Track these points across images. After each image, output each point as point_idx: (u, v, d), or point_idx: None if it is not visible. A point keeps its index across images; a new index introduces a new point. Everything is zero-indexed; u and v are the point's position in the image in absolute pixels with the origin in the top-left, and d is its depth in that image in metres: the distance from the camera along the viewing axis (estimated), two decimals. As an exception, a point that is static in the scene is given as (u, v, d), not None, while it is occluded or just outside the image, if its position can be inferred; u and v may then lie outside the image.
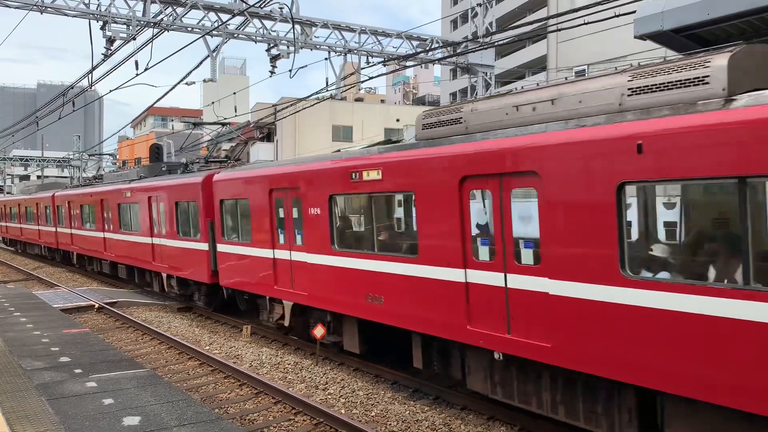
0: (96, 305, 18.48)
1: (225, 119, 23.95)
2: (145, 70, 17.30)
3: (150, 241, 19.03)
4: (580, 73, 22.26)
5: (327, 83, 20.49)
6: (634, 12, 10.17)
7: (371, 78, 19.36)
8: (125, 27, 18.78)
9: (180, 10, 19.41)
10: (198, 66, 18.91)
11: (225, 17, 19.81)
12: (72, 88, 21.19)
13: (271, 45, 20.95)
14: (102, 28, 18.60)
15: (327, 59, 22.13)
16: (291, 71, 20.50)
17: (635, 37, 9.89)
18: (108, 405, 7.84)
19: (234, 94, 25.26)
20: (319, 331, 11.65)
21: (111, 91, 23.48)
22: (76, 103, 21.71)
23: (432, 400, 9.83)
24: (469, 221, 8.33)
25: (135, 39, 18.51)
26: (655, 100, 6.42)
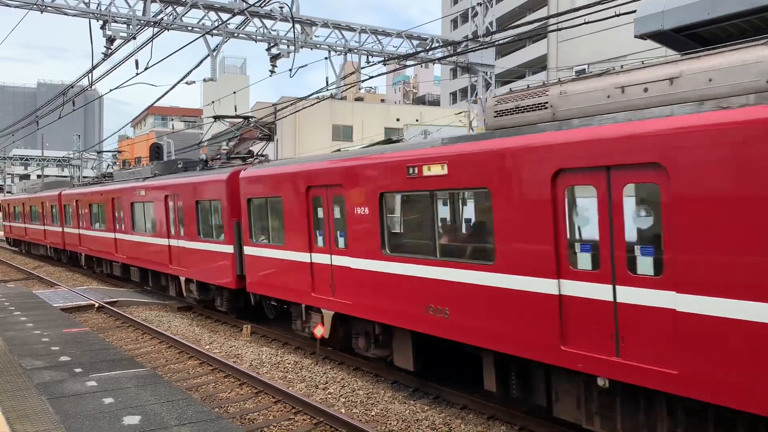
0: (96, 304, 18.48)
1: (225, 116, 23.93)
2: (145, 69, 17.31)
3: (166, 243, 17.95)
4: (580, 73, 22.24)
5: (327, 83, 20.49)
6: (634, 11, 10.17)
7: (371, 77, 19.43)
8: (125, 26, 18.80)
9: (180, 9, 19.41)
10: (198, 65, 18.92)
11: (225, 16, 19.82)
12: (72, 87, 21.21)
13: (272, 44, 20.97)
14: (102, 27, 18.61)
15: (327, 58, 22.15)
16: (291, 70, 20.52)
17: (635, 37, 9.89)
18: (108, 404, 7.84)
19: (234, 93, 25.26)
20: (320, 331, 11.63)
21: (111, 91, 23.48)
22: (76, 103, 21.73)
23: (432, 399, 9.83)
24: (564, 223, 7.14)
25: (135, 38, 18.52)
26: None
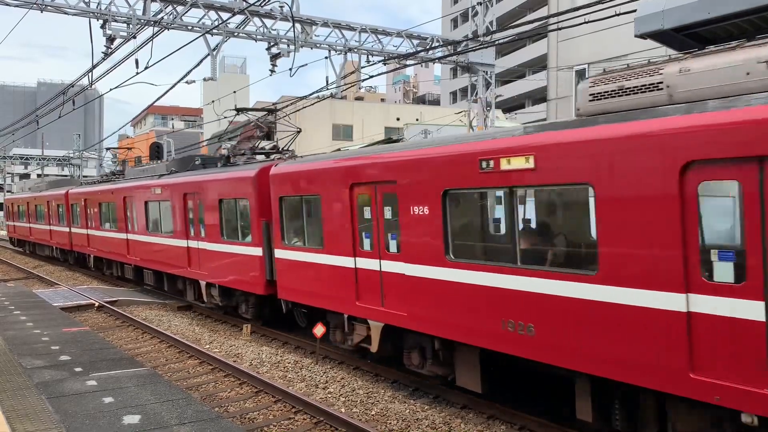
0: (96, 304, 18.48)
1: (225, 116, 23.93)
2: (146, 68, 17.32)
3: (185, 244, 16.84)
4: (580, 72, 22.25)
5: (327, 82, 20.52)
6: (634, 11, 10.17)
7: (371, 77, 19.41)
8: (125, 25, 18.78)
9: (180, 8, 19.40)
10: (198, 64, 18.94)
11: (225, 16, 19.81)
12: (72, 86, 21.23)
13: (272, 44, 20.96)
14: (102, 26, 18.60)
15: (327, 58, 22.15)
16: (291, 70, 20.52)
17: (635, 36, 9.89)
18: (108, 403, 7.84)
19: (234, 92, 25.30)
20: (320, 330, 11.63)
21: (111, 90, 23.56)
22: (76, 102, 21.74)
23: (432, 398, 9.83)
24: (696, 225, 5.98)
25: (135, 37, 18.52)
26: None
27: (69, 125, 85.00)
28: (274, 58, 21.06)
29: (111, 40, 18.59)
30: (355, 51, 22.62)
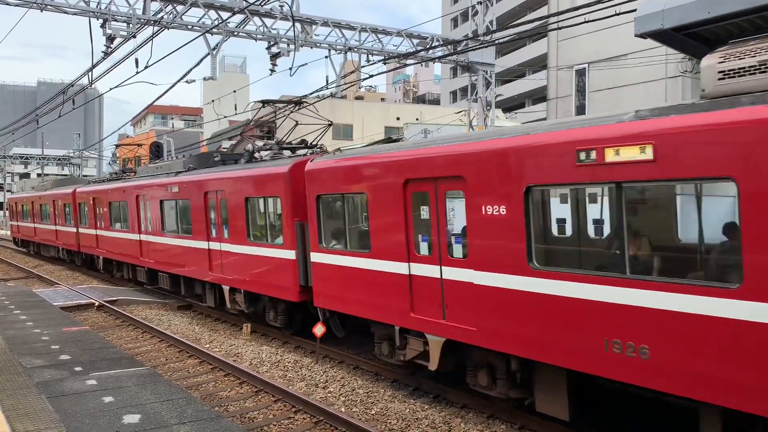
0: (96, 303, 18.48)
1: (225, 117, 23.96)
2: (146, 68, 17.32)
3: (206, 246, 15.72)
4: (580, 72, 22.26)
5: (327, 81, 20.52)
6: (634, 10, 10.17)
7: (371, 76, 19.40)
8: (125, 25, 18.81)
9: (180, 7, 19.42)
10: (198, 64, 18.96)
11: (225, 15, 19.83)
12: (72, 86, 21.24)
13: (272, 43, 20.98)
14: (102, 26, 18.63)
15: (327, 57, 22.17)
16: (291, 69, 20.52)
17: (636, 36, 9.90)
18: (108, 403, 7.85)
19: (234, 92, 25.29)
20: (320, 330, 11.62)
21: (111, 89, 23.58)
22: (76, 101, 21.75)
23: (432, 398, 9.82)
24: None
25: (135, 37, 18.54)
26: None
27: (69, 125, 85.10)
28: (274, 57, 21.08)
29: (111, 39, 18.61)
30: (355, 50, 22.65)
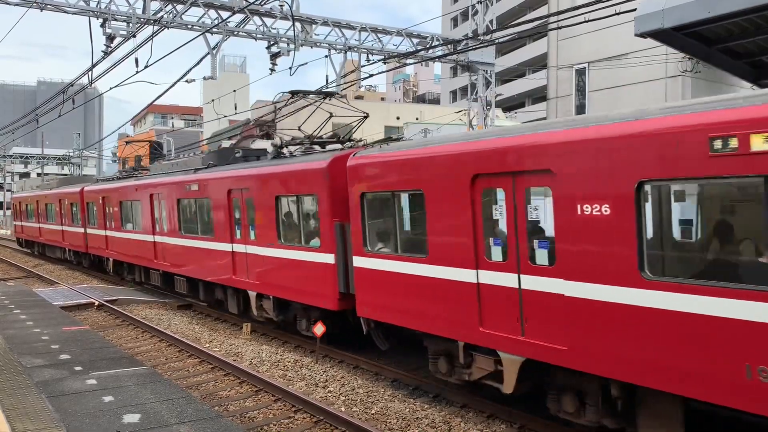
0: (96, 303, 18.49)
1: (225, 116, 23.96)
2: (145, 67, 17.31)
3: (229, 249, 14.67)
4: (580, 71, 22.25)
5: (327, 81, 20.50)
6: (634, 10, 10.18)
7: (371, 75, 19.41)
8: (125, 24, 18.80)
9: (180, 7, 19.41)
10: (198, 63, 18.95)
11: (225, 14, 19.83)
12: (72, 85, 21.22)
13: (272, 42, 20.98)
14: (102, 25, 18.62)
15: (327, 57, 22.16)
16: (291, 69, 20.51)
17: (636, 35, 9.90)
18: (108, 402, 7.85)
19: (234, 91, 25.31)
20: (320, 329, 11.62)
21: (111, 89, 23.54)
22: (76, 101, 21.74)
23: (432, 397, 9.83)
24: None
25: (135, 36, 18.53)
26: None
27: (69, 124, 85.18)
28: (274, 57, 21.08)
29: (111, 38, 18.60)
30: (355, 50, 22.65)
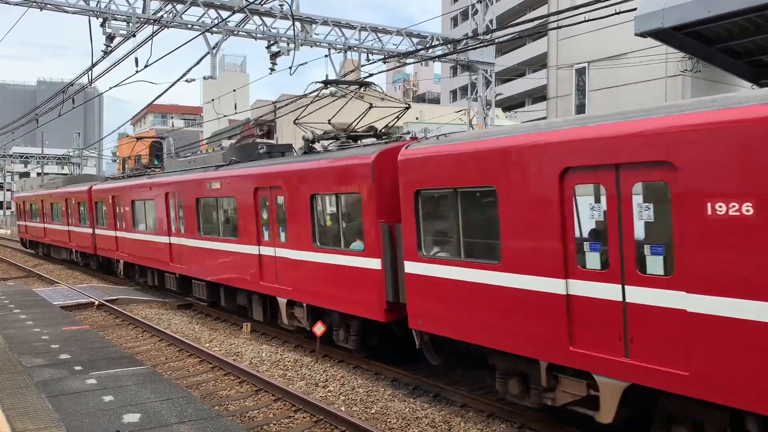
0: (96, 302, 18.49)
1: (225, 116, 23.95)
2: (145, 67, 17.30)
3: (256, 252, 13.62)
4: (580, 71, 22.26)
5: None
6: (634, 9, 10.18)
7: (371, 75, 19.35)
8: (125, 24, 18.78)
9: (180, 6, 19.40)
10: (198, 63, 18.95)
11: (225, 14, 19.81)
12: (72, 85, 21.21)
13: (271, 42, 20.97)
14: (102, 25, 18.60)
15: (327, 56, 22.15)
16: (291, 68, 20.50)
17: (636, 35, 9.91)
18: (108, 402, 7.85)
19: (234, 91, 25.31)
20: (320, 329, 11.62)
21: (111, 88, 23.52)
22: (75, 101, 21.73)
23: (432, 397, 9.83)
24: None
25: (135, 36, 18.52)
26: None
27: (69, 124, 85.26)
28: (273, 56, 21.07)
29: (111, 38, 18.59)
30: (355, 49, 22.64)
